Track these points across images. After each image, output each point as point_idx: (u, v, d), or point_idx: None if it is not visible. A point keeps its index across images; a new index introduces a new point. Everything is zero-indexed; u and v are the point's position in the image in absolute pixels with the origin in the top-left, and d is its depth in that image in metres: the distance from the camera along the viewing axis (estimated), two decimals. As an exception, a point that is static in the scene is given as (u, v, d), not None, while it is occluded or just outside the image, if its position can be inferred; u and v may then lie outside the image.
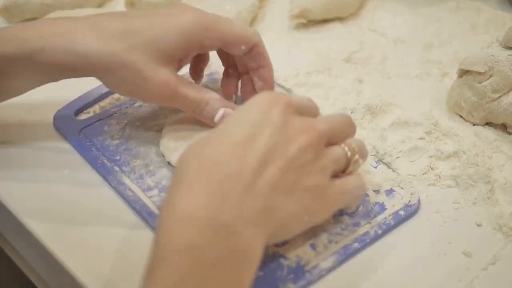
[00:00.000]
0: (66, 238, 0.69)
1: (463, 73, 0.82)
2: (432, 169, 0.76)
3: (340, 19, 1.02)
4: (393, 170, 0.76)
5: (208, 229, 0.55)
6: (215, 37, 0.72)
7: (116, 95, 0.85)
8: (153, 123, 0.80)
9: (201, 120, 0.74)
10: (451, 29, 1.01)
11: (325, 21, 1.02)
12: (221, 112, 0.72)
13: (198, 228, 0.55)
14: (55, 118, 0.81)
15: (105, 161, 0.76)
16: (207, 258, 0.54)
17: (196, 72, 0.81)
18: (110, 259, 0.66)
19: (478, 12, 1.04)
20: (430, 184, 0.75)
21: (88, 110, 0.83)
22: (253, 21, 1.01)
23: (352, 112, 0.82)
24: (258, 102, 0.61)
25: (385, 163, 0.77)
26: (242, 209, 0.57)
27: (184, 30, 0.71)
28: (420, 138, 0.79)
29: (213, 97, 0.73)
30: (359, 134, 0.80)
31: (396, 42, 0.98)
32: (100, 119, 0.81)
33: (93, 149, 0.77)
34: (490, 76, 0.79)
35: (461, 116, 0.83)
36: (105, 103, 0.84)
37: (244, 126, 0.59)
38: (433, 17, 1.04)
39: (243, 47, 0.74)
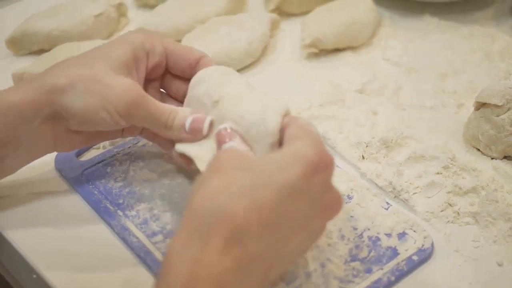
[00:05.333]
0: (68, 278, 0.68)
1: (480, 105, 0.80)
2: (450, 205, 0.75)
3: (352, 48, 1.01)
4: (411, 207, 0.74)
5: None
6: (159, 43, 0.72)
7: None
8: (157, 164, 0.79)
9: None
10: (465, 57, 0.99)
11: (337, 50, 1.00)
12: (190, 118, 0.68)
13: None
14: (56, 160, 0.79)
15: (108, 205, 0.74)
16: None
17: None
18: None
19: (492, 39, 1.03)
20: (448, 221, 0.73)
21: (90, 151, 0.82)
22: (264, 50, 1.00)
23: (367, 146, 0.81)
24: (305, 163, 0.57)
25: (402, 200, 0.75)
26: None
27: (132, 41, 0.71)
28: (437, 173, 0.77)
29: (181, 108, 0.71)
30: (375, 169, 0.78)
31: (410, 72, 0.97)
32: (102, 160, 0.80)
33: (95, 192, 0.76)
34: (508, 109, 0.78)
35: (478, 149, 0.82)
36: (107, 143, 0.82)
37: (283, 191, 0.56)
38: (446, 44, 1.02)
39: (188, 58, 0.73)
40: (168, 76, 0.76)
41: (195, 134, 0.68)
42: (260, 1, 1.13)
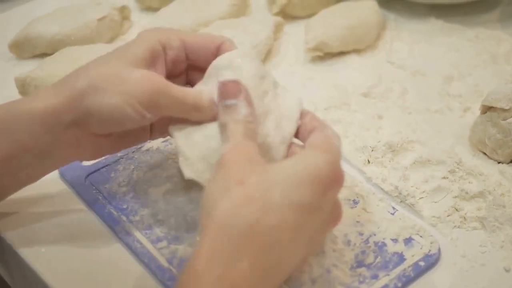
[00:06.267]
0: (69, 282, 0.68)
1: (487, 109, 0.80)
2: (457, 210, 0.74)
3: (357, 51, 1.00)
4: (417, 212, 0.74)
5: None
6: (176, 37, 0.70)
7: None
8: (161, 168, 0.78)
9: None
10: (470, 60, 0.99)
11: (341, 53, 1.00)
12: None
13: None
14: None
15: (112, 210, 0.73)
16: None
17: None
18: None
19: (498, 41, 1.02)
20: (455, 226, 0.73)
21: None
22: (268, 54, 0.99)
23: (372, 150, 0.80)
24: (322, 182, 0.58)
25: (408, 205, 0.74)
26: None
27: (147, 38, 0.69)
28: (444, 177, 0.77)
29: (202, 87, 0.68)
30: (380, 173, 0.78)
31: (415, 75, 0.96)
32: (106, 165, 0.79)
33: (99, 197, 0.75)
34: (515, 113, 0.77)
35: (485, 154, 0.81)
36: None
37: (303, 209, 0.57)
38: (451, 47, 1.02)
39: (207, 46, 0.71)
40: (192, 71, 0.74)
41: (234, 94, 0.65)
42: (264, 4, 1.12)
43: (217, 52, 0.71)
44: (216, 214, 0.55)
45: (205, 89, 0.67)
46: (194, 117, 0.67)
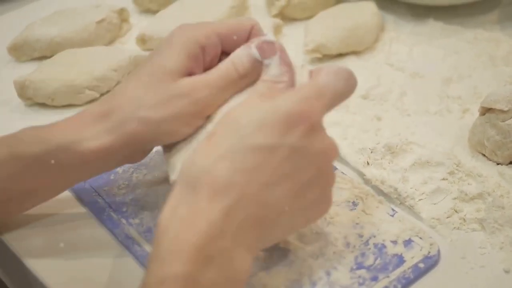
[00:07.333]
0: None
1: (485, 110, 0.80)
2: (456, 211, 0.74)
3: (356, 53, 1.00)
4: (417, 214, 0.74)
5: (201, 258, 0.54)
6: (213, 33, 0.68)
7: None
8: (160, 171, 0.78)
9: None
10: (469, 61, 0.99)
11: (340, 55, 1.00)
12: (253, 46, 0.65)
13: (191, 256, 0.54)
14: None
15: (112, 213, 0.73)
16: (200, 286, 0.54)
17: None
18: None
19: (497, 43, 1.02)
20: (454, 228, 0.72)
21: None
22: (267, 56, 0.99)
23: (371, 152, 0.80)
24: (280, 116, 0.58)
25: (407, 206, 0.74)
26: (237, 239, 0.56)
27: (184, 44, 0.67)
28: (443, 179, 0.77)
29: (231, 56, 0.67)
30: (379, 175, 0.78)
31: (414, 77, 0.96)
32: None
33: (99, 200, 0.75)
34: (514, 114, 0.77)
35: (484, 155, 0.81)
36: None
37: (261, 151, 0.57)
38: (450, 49, 1.02)
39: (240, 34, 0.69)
40: (222, 56, 0.71)
41: (269, 54, 0.65)
42: (263, 6, 1.12)
43: (248, 37, 0.69)
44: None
45: (234, 57, 0.66)
46: (243, 84, 0.66)
